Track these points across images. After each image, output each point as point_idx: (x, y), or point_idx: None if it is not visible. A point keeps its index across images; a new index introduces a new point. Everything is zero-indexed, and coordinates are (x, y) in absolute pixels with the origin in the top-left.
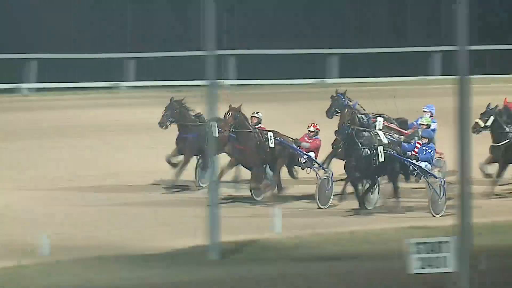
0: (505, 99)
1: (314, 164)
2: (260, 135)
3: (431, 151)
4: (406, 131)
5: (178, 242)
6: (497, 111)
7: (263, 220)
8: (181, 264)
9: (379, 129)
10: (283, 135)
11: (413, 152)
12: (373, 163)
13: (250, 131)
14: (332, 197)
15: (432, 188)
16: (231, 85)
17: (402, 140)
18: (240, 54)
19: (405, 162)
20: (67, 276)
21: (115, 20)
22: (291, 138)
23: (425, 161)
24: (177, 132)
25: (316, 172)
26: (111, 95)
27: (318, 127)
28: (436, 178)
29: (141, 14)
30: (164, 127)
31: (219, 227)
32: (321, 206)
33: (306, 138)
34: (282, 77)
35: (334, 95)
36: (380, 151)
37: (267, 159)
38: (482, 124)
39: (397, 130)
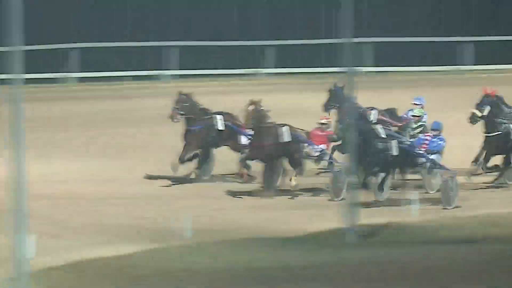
0: (484, 88)
1: (327, 156)
2: (276, 130)
3: (442, 142)
4: (399, 123)
5: (312, 226)
6: (493, 100)
7: (394, 204)
8: (318, 247)
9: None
10: (297, 128)
11: (424, 145)
12: (389, 156)
13: (270, 126)
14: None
15: (445, 180)
16: (368, 72)
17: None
18: (377, 42)
19: (417, 155)
20: (207, 259)
21: (254, 8)
22: (302, 130)
23: (435, 153)
24: (185, 126)
25: (331, 164)
26: (251, 81)
27: (330, 119)
28: (449, 170)
29: (280, 1)
30: (175, 120)
31: (358, 210)
32: (335, 199)
33: (318, 131)
34: (417, 64)
35: (332, 88)
36: (395, 145)
37: (281, 153)
38: (479, 114)
39: (389, 122)
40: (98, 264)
